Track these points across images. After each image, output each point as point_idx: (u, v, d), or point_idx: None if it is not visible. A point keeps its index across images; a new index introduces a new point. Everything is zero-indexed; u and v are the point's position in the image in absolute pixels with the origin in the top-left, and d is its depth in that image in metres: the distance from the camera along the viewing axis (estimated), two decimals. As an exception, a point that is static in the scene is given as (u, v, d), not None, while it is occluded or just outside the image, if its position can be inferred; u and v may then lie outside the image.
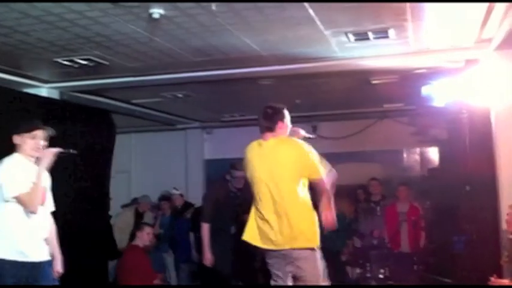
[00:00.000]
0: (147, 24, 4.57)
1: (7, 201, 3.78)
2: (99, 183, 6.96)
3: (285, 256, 4.02)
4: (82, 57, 5.58)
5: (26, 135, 3.92)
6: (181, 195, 8.68)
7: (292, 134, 4.29)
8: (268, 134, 4.14)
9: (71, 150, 4.15)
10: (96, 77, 6.51)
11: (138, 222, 7.45)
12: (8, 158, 3.91)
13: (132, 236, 6.59)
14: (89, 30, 4.74)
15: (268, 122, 4.16)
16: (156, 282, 6.47)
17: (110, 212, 7.83)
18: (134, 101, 8.18)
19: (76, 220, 6.00)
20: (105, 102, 7.69)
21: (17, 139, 3.95)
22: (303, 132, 4.45)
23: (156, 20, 4.34)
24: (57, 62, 5.72)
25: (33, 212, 3.82)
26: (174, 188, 8.66)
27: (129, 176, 10.25)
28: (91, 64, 5.82)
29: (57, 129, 5.99)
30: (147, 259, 6.19)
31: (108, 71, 6.15)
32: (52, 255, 4.05)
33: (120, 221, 8.17)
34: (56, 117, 6.17)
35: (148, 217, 8.39)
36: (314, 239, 4.01)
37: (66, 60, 5.69)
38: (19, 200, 3.78)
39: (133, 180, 10.10)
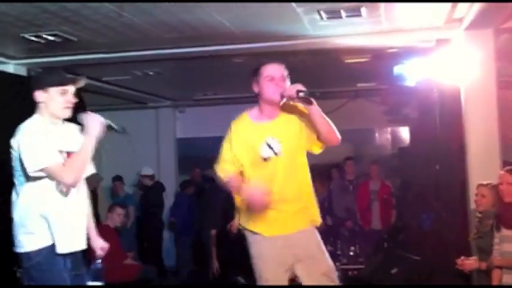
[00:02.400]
0: (116, -1, 4.47)
1: (33, 178, 2.99)
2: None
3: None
4: (49, 32, 5.44)
5: (54, 89, 3.10)
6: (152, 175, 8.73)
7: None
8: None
9: (118, 127, 3.35)
10: (65, 54, 6.37)
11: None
12: (28, 121, 3.10)
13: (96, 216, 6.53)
14: (56, 4, 4.61)
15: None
16: (127, 261, 6.45)
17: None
18: (104, 79, 8.05)
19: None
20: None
21: (40, 96, 3.11)
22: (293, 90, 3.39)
23: (124, -6, 4.25)
24: (24, 37, 5.57)
25: (70, 185, 3.03)
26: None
27: (99, 156, 10.13)
28: (58, 40, 5.68)
29: (23, 106, 5.95)
30: (116, 239, 6.15)
31: (77, 47, 6.02)
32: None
33: None
34: (22, 94, 6.06)
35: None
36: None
37: (33, 36, 5.55)
38: (48, 171, 2.95)
39: (104, 160, 9.96)
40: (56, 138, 3.08)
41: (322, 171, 9.28)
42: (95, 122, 3.16)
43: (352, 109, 9.54)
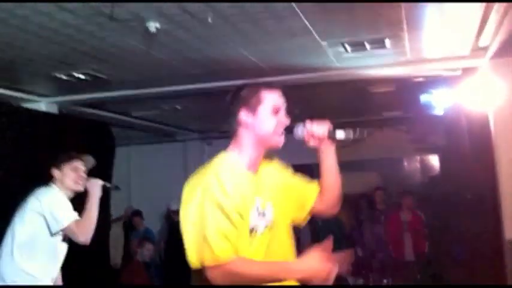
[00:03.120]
0: (143, 37, 4.57)
1: (53, 234, 3.63)
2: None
3: None
4: (80, 71, 5.58)
5: (66, 166, 3.72)
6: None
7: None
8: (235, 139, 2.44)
9: (111, 185, 4.10)
10: (95, 90, 6.51)
11: (129, 236, 7.50)
12: (48, 188, 3.72)
13: (126, 252, 6.59)
14: (86, 44, 4.74)
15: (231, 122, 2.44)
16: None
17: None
18: (134, 114, 8.18)
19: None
20: (104, 115, 7.70)
21: (55, 172, 3.73)
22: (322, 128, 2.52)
23: (152, 33, 4.35)
24: (55, 76, 5.72)
25: (84, 243, 3.63)
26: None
27: (128, 190, 10.23)
28: (89, 78, 5.82)
29: (56, 143, 6.07)
30: (145, 273, 6.18)
31: (107, 84, 6.16)
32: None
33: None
34: (55, 131, 6.20)
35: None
36: None
37: (64, 75, 5.70)
38: (70, 229, 3.58)
39: (133, 194, 10.06)
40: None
41: (350, 202, 9.24)
42: (94, 186, 3.75)
43: (379, 139, 9.49)
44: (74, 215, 3.62)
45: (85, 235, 3.58)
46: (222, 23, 4.37)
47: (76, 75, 5.70)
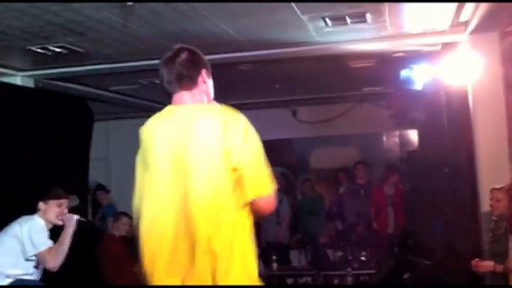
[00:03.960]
0: (121, 10, 4.48)
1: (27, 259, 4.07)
2: (77, 171, 6.88)
3: None
4: (55, 44, 5.47)
5: (53, 202, 4.18)
6: None
7: None
8: (185, 94, 2.52)
9: (85, 220, 4.57)
10: (71, 64, 6.39)
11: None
12: (30, 217, 4.17)
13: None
14: (61, 17, 4.64)
15: (186, 71, 2.51)
16: (136, 269, 6.43)
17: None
18: (111, 88, 8.07)
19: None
20: (82, 89, 7.58)
21: (42, 205, 4.19)
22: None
23: (129, 6, 4.27)
24: (30, 49, 5.60)
25: (52, 270, 4.11)
26: None
27: (107, 163, 10.17)
28: (65, 51, 5.71)
29: (31, 118, 5.99)
30: (121, 247, 6.13)
31: (83, 58, 6.05)
32: None
33: None
34: (31, 105, 6.11)
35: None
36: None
37: (40, 48, 5.58)
38: (43, 255, 4.04)
39: (112, 169, 10.00)
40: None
41: (330, 176, 9.30)
42: (70, 220, 4.22)
43: (359, 113, 9.53)
44: (49, 243, 4.09)
45: (55, 262, 4.07)
46: (201, -4, 4.31)
47: (52, 48, 5.59)
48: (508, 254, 4.16)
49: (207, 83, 2.61)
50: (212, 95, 2.67)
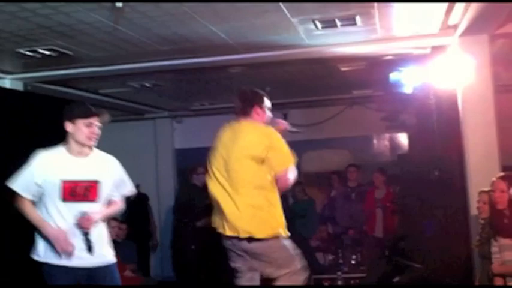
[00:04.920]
0: (110, 13, 4.47)
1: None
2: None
3: (236, 247, 3.79)
4: (45, 47, 5.45)
5: (81, 121, 3.53)
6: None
7: (273, 124, 4.02)
8: (242, 119, 3.91)
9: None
10: (61, 68, 6.36)
11: None
12: (46, 149, 3.64)
13: None
14: (51, 19, 4.62)
15: (244, 105, 3.92)
16: (127, 273, 6.41)
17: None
18: (101, 91, 8.04)
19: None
20: (71, 92, 7.54)
21: (69, 126, 3.55)
22: (285, 124, 4.24)
23: (119, 8, 4.25)
24: (20, 52, 5.57)
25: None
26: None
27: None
28: (54, 54, 5.68)
29: (21, 121, 5.94)
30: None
31: (73, 61, 6.02)
32: None
33: None
34: (20, 109, 6.06)
35: None
36: (272, 227, 3.72)
37: (29, 51, 5.55)
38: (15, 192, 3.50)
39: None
40: (63, 169, 3.51)
41: (322, 179, 9.29)
42: (55, 237, 3.49)
43: (349, 117, 9.54)
44: (20, 184, 3.53)
45: (19, 206, 3.56)
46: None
47: (41, 51, 5.56)
48: (491, 258, 4.16)
49: (259, 114, 3.96)
50: (263, 121, 3.97)
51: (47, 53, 5.62)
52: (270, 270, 3.83)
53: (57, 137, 6.42)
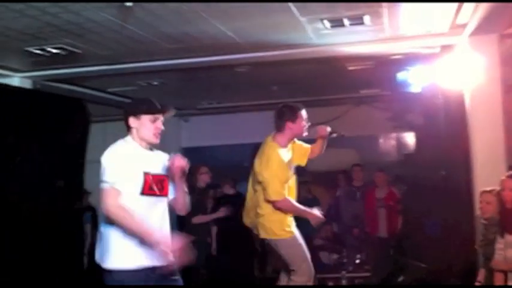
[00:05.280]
0: (119, 11, 4.48)
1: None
2: (73, 173, 6.87)
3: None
4: (53, 45, 5.48)
5: (146, 117, 3.36)
6: None
7: (315, 132, 4.71)
8: (276, 133, 4.53)
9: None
10: (69, 66, 6.40)
11: None
12: (120, 140, 3.38)
13: None
14: (59, 18, 4.64)
15: (277, 121, 4.50)
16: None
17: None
18: (109, 90, 8.07)
19: (47, 212, 5.95)
20: (79, 91, 7.58)
21: (133, 122, 3.36)
22: (324, 131, 4.77)
23: (127, 7, 4.26)
24: (28, 51, 5.60)
25: (106, 213, 3.18)
26: None
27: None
28: (63, 53, 5.71)
29: (30, 119, 5.97)
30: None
31: (81, 59, 6.05)
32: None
33: None
34: (29, 106, 6.09)
35: None
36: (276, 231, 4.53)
37: (38, 49, 5.58)
38: (102, 193, 3.16)
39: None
40: (142, 161, 3.32)
41: (328, 179, 9.28)
42: (164, 251, 3.18)
43: (356, 116, 9.53)
44: (116, 180, 3.16)
45: (112, 211, 3.13)
46: (199, -3, 4.31)
47: (50, 49, 5.59)
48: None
49: (292, 128, 4.54)
50: (297, 133, 4.62)
51: (55, 51, 5.65)
52: None
53: (65, 135, 6.51)
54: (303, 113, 4.60)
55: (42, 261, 5.80)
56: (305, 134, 4.65)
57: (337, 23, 5.16)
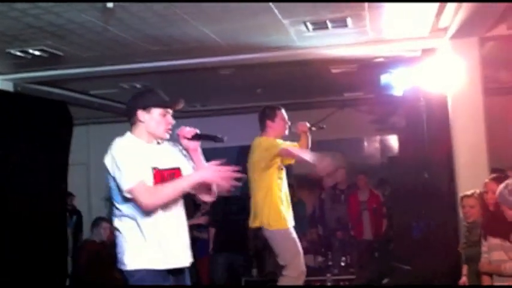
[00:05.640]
0: (101, 13, 4.46)
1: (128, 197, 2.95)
2: (55, 177, 6.81)
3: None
4: (35, 47, 5.42)
5: (157, 111, 3.09)
6: None
7: (295, 129, 5.01)
8: (261, 134, 4.85)
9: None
10: (51, 68, 6.33)
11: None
12: (120, 138, 3.09)
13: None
14: (41, 19, 4.60)
15: (260, 122, 4.86)
16: (116, 275, 6.39)
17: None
18: (92, 92, 8.01)
19: (30, 216, 5.89)
20: (61, 93, 7.52)
21: (142, 115, 3.08)
22: (303, 126, 5.07)
23: (109, 9, 4.24)
24: (9, 53, 5.55)
25: (145, 209, 2.93)
26: None
27: (87, 168, 10.08)
28: (45, 55, 5.66)
29: (11, 121, 5.92)
30: (103, 254, 6.08)
31: (63, 61, 6.00)
32: None
33: None
34: (10, 109, 6.04)
35: None
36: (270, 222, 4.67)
37: (19, 51, 5.52)
38: (132, 192, 2.90)
39: (92, 173, 9.89)
40: (150, 157, 3.06)
41: (312, 182, 9.30)
42: (210, 172, 3.01)
43: (340, 119, 9.55)
44: (136, 175, 2.92)
45: (151, 200, 2.91)
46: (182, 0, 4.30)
47: (31, 51, 5.54)
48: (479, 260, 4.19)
49: (272, 127, 4.85)
50: (278, 132, 4.89)
51: (37, 53, 5.60)
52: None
53: (47, 137, 6.46)
54: (283, 112, 4.90)
55: (26, 265, 5.76)
56: (286, 132, 4.93)
57: (320, 26, 5.18)
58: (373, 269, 6.75)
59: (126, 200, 2.97)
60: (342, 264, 7.56)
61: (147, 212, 2.96)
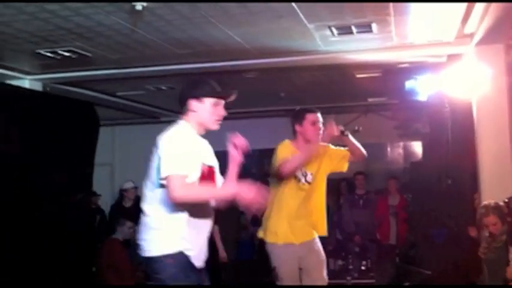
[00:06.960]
0: (129, 15, 4.54)
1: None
2: (81, 176, 6.92)
3: None
4: (64, 48, 5.54)
5: (210, 100, 3.02)
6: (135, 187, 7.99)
7: (325, 133, 4.24)
8: (291, 140, 4.31)
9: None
10: (79, 69, 6.47)
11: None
12: (175, 126, 3.01)
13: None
14: (70, 21, 4.70)
15: (292, 126, 4.33)
16: (138, 274, 6.46)
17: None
18: (118, 94, 8.13)
19: (56, 215, 5.99)
20: (88, 94, 7.65)
21: (195, 105, 3.01)
22: (333, 129, 4.20)
23: (138, 11, 4.32)
24: (39, 53, 5.67)
25: (173, 201, 2.80)
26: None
27: (111, 169, 10.21)
28: (73, 56, 5.78)
29: (39, 121, 6.04)
30: (125, 253, 6.15)
31: (91, 62, 6.11)
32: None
33: None
34: (38, 109, 6.16)
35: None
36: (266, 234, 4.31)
37: (49, 52, 5.65)
38: (167, 182, 2.77)
39: (116, 174, 10.01)
40: (199, 151, 3.01)
41: (331, 186, 9.30)
42: (248, 193, 2.84)
43: (363, 124, 9.51)
44: (180, 168, 2.80)
45: (180, 195, 2.77)
46: (208, 3, 4.35)
47: (60, 52, 5.66)
48: (509, 265, 4.16)
49: (302, 133, 4.27)
50: (308, 137, 4.23)
51: (65, 54, 5.72)
52: None
53: (74, 137, 6.57)
54: (314, 115, 4.21)
55: (54, 264, 5.85)
56: (319, 138, 4.18)
57: (345, 31, 5.20)
58: (393, 273, 6.72)
59: (162, 185, 2.87)
60: (362, 268, 7.55)
61: (179, 204, 2.86)
